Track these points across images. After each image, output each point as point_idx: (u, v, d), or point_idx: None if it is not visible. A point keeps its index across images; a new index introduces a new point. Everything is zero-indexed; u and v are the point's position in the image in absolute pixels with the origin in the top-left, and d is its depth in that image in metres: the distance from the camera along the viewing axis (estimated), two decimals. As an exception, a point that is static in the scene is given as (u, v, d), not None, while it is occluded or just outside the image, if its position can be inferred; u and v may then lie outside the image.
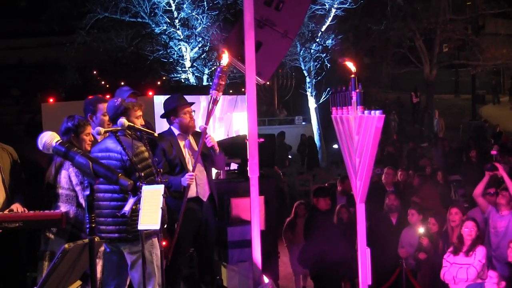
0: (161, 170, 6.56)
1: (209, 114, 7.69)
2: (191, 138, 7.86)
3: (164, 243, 6.63)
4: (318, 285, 10.50)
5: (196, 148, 7.77)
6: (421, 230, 10.09)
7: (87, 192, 3.76)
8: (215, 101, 7.59)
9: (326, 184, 13.09)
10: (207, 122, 7.69)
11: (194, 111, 7.96)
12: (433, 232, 10.13)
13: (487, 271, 8.94)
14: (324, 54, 27.40)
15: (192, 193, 7.63)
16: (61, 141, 3.94)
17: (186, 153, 7.76)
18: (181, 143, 7.77)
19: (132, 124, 6.40)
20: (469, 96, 39.47)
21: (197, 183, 7.68)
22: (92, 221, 3.78)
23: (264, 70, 7.97)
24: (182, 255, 7.83)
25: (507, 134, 27.69)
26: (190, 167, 7.66)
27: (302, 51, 27.80)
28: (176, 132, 7.79)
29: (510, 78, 43.50)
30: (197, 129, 7.97)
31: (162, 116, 7.98)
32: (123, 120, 6.30)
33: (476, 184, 10.61)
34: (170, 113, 7.83)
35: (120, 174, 3.78)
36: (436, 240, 10.01)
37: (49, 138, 4.00)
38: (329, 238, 9.73)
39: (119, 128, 6.28)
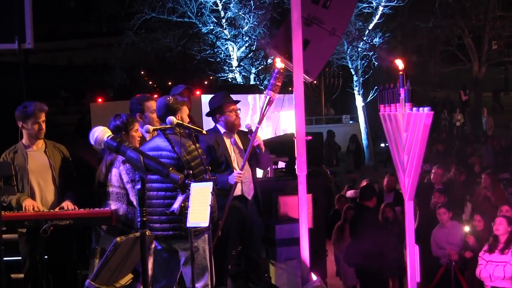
0: (210, 167, 6.61)
1: (263, 114, 7.71)
2: (236, 137, 7.87)
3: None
4: (364, 284, 10.46)
5: (241, 146, 7.79)
6: (466, 228, 10.06)
7: (139, 186, 3.80)
8: (270, 102, 7.61)
9: (364, 182, 12.97)
10: (260, 122, 7.70)
11: (239, 109, 7.97)
12: (479, 230, 10.09)
13: None
14: (372, 53, 27.27)
15: (237, 191, 7.64)
16: (112, 136, 3.99)
17: (232, 151, 7.79)
18: (227, 141, 7.80)
19: (181, 122, 6.44)
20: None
21: (243, 181, 7.69)
22: (143, 215, 3.81)
23: (312, 68, 7.97)
24: (228, 253, 7.87)
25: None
26: (235, 165, 7.70)
27: (349, 50, 27.70)
28: (222, 130, 7.81)
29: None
30: (243, 128, 8.00)
31: (208, 114, 8.02)
32: (172, 118, 6.33)
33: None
34: (215, 111, 7.85)
35: (171, 168, 3.81)
36: (482, 237, 9.94)
37: (100, 133, 4.04)
38: (375, 236, 9.69)
39: (168, 126, 6.33)
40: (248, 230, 7.91)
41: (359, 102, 29.33)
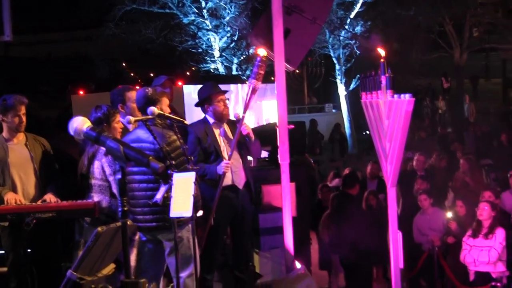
0: (192, 158, 6.59)
1: (248, 103, 7.70)
2: (225, 127, 7.83)
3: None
4: (349, 272, 10.49)
5: (231, 136, 7.74)
6: (449, 214, 10.14)
7: (119, 176, 3.80)
8: (254, 90, 7.60)
9: (347, 171, 13.02)
10: (244, 111, 7.69)
11: (228, 99, 7.94)
12: (461, 215, 10.17)
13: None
14: (353, 41, 27.33)
15: (227, 181, 7.62)
16: (92, 126, 3.97)
17: (221, 141, 7.74)
18: (216, 132, 7.75)
19: (162, 112, 6.42)
20: (500, 80, 39.12)
21: (233, 170, 7.66)
22: (124, 205, 3.80)
23: (293, 57, 7.98)
24: (218, 243, 7.85)
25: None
26: (225, 155, 7.65)
27: (331, 39, 27.75)
28: (211, 120, 7.77)
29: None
30: (232, 118, 7.98)
31: (197, 105, 7.96)
32: (153, 109, 6.32)
33: (507, 168, 10.72)
34: (204, 101, 7.80)
35: (150, 157, 3.80)
36: (465, 223, 10.02)
37: (80, 124, 4.01)
38: (359, 224, 9.72)
39: (150, 117, 6.31)
40: (239, 220, 7.90)
41: (341, 90, 29.40)
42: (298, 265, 7.65)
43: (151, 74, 28.98)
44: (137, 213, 6.46)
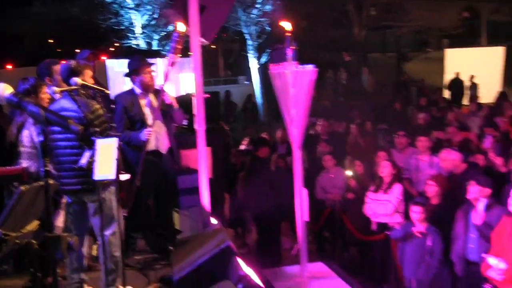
0: (115, 124, 6.53)
1: (167, 75, 7.67)
2: (151, 97, 7.81)
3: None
4: (260, 228, 10.60)
5: (156, 105, 7.73)
6: (348, 173, 10.38)
7: (41, 138, 3.74)
8: (172, 64, 7.57)
9: (262, 135, 13.18)
10: (164, 82, 7.66)
11: (154, 71, 7.92)
12: (360, 174, 10.43)
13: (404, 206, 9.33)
14: (264, 19, 27.40)
15: (151, 146, 7.62)
16: (14, 92, 3.87)
17: (147, 110, 7.73)
18: (142, 102, 7.74)
19: (85, 83, 6.34)
20: (395, 54, 39.97)
21: (156, 137, 7.70)
22: (46, 165, 3.75)
23: (208, 31, 7.96)
24: (143, 204, 7.84)
25: (429, 87, 28.22)
26: (150, 123, 7.63)
27: (244, 17, 27.74)
28: (138, 91, 7.74)
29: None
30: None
31: (126, 75, 7.93)
32: (76, 79, 6.23)
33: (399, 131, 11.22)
34: (132, 72, 7.78)
35: (70, 120, 3.75)
36: (363, 180, 10.28)
37: (1, 90, 3.90)
38: (268, 184, 9.83)
39: (74, 87, 6.21)
40: (163, 183, 7.93)
41: (253, 64, 29.48)
42: (214, 221, 7.70)
43: (77, 50, 28.46)
44: (62, 177, 6.37)
